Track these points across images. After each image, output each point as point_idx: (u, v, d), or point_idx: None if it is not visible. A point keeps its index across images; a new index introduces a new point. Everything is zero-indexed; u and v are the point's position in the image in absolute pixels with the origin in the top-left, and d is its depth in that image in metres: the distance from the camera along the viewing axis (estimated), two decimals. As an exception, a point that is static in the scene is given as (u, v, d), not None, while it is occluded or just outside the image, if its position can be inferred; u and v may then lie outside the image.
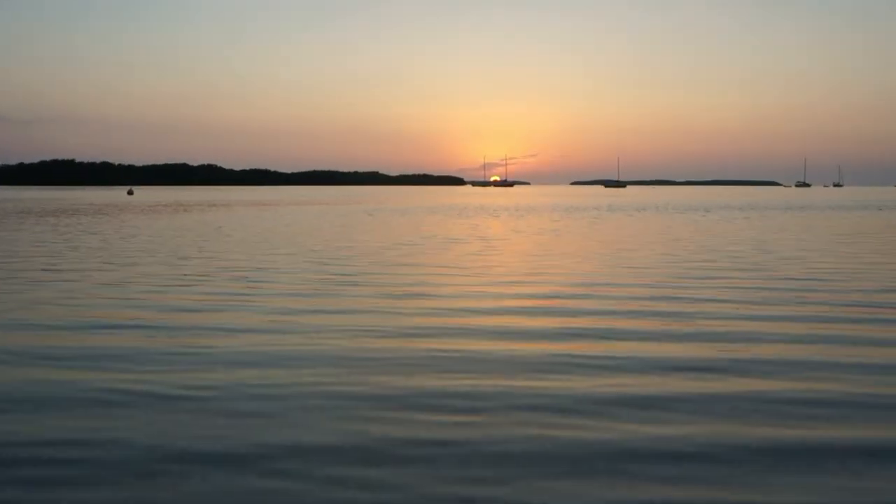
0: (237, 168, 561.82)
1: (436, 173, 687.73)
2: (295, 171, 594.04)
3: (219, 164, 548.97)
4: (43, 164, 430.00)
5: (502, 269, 23.10)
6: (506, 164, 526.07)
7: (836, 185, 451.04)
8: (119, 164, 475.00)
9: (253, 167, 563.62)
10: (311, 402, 8.98)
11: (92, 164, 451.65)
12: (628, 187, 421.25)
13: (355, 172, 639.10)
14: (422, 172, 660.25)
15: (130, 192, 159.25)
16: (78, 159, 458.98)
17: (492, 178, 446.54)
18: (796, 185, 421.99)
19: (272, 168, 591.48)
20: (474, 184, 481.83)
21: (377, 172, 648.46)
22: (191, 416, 8.51)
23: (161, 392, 9.39)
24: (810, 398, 9.18)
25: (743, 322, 14.12)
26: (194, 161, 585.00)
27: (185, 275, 21.44)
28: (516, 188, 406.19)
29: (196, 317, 14.59)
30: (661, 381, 9.89)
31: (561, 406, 8.82)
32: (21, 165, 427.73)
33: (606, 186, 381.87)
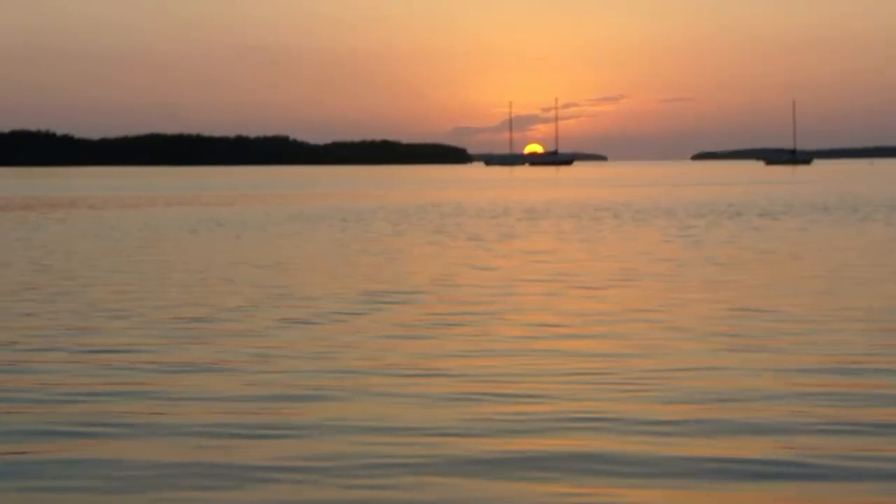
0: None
1: (408, 139, 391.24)
2: (105, 136, 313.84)
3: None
4: None
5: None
6: (556, 119, 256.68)
7: None
8: None
9: (21, 127, 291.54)
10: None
11: None
12: (815, 163, 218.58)
13: (236, 139, 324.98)
14: (379, 138, 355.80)
15: None
16: None
17: (527, 150, 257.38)
18: None
19: (64, 131, 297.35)
20: (489, 161, 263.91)
21: (286, 138, 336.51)
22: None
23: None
24: None
25: None
26: None
27: None
28: (578, 167, 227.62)
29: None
30: None
31: None
32: None
33: (769, 163, 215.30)
